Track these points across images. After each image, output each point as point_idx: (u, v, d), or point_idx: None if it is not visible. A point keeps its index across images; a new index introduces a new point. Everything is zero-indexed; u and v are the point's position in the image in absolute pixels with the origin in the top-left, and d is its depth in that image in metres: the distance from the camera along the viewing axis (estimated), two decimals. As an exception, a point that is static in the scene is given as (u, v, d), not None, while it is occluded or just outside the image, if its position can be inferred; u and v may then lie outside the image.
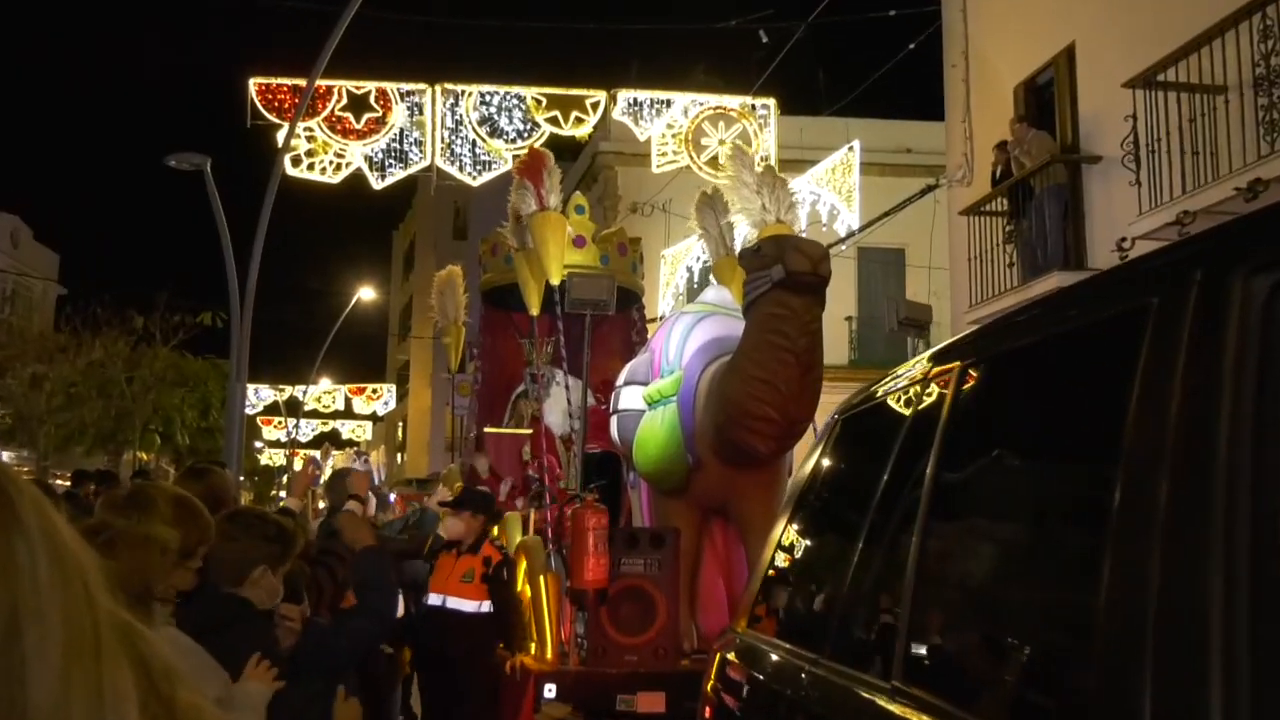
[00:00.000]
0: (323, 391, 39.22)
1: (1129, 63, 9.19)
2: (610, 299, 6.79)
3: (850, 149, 15.16)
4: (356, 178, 15.94)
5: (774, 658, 2.72)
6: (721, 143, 16.01)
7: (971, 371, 2.12)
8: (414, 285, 42.58)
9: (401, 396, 42.81)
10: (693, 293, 15.96)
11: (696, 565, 6.10)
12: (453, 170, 15.94)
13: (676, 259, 17.62)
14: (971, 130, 12.44)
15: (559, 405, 8.17)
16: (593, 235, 8.81)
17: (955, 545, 2.05)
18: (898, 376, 2.61)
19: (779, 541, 3.04)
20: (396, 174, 15.97)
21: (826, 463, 2.96)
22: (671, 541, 5.66)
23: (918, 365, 2.48)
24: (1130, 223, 9.10)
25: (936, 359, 2.35)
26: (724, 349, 5.69)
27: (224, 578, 2.90)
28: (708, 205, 7.26)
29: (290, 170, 14.99)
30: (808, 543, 3.01)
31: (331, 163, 15.63)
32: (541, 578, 6.10)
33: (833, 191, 14.71)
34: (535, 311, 7.39)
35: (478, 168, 15.96)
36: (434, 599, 6.08)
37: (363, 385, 41.06)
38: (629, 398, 6.46)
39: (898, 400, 2.51)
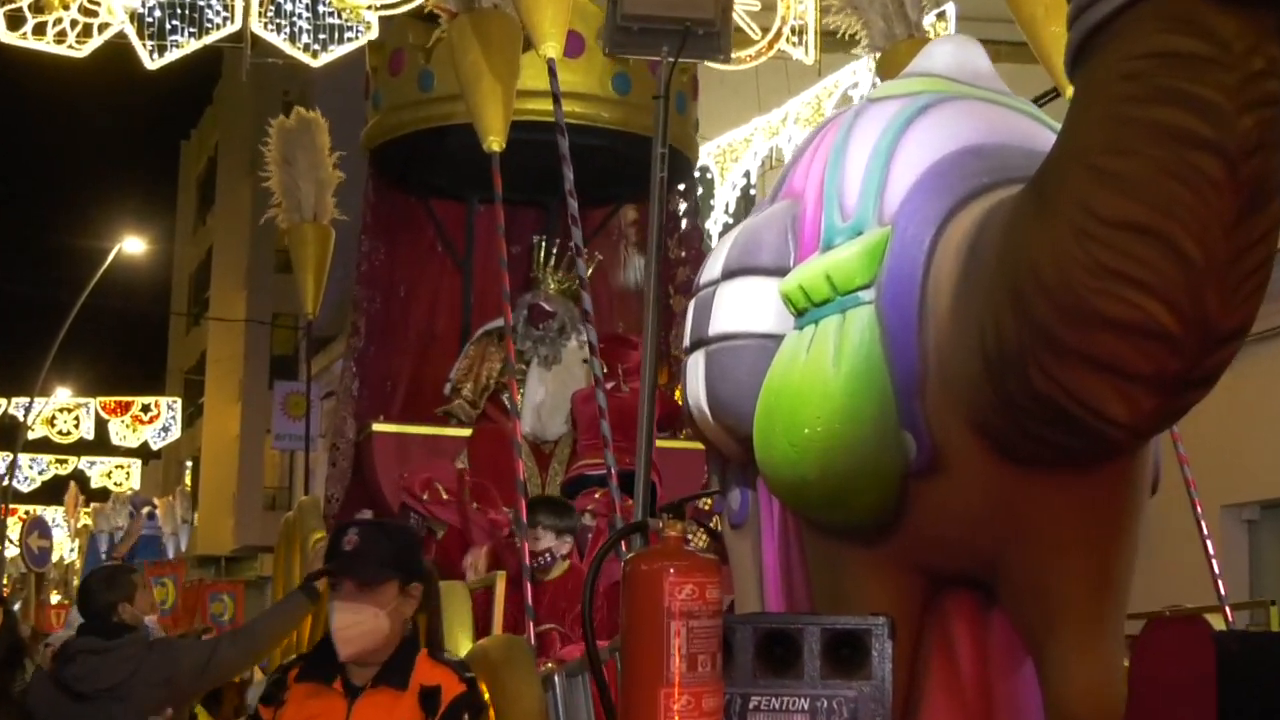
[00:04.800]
0: (59, 409, 38.99)
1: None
2: (718, 16, 5.30)
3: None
4: (118, 51, 15.79)
5: None
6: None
7: None
8: (215, 231, 42.51)
9: (192, 418, 42.67)
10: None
11: (912, 700, 4.50)
12: (278, 41, 15.83)
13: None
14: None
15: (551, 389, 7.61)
16: (598, 34, 7.48)
17: None
18: None
19: None
20: (185, 46, 15.85)
21: None
22: (884, 649, 4.05)
23: None
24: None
25: None
26: (998, 170, 4.13)
27: None
28: None
29: (7, 36, 14.82)
30: None
31: (75, 25, 15.49)
32: None
33: (910, 84, 14.83)
34: (500, 145, 6.55)
35: (320, 37, 15.87)
36: None
37: (127, 399, 40.86)
38: (738, 306, 4.70)
39: None
